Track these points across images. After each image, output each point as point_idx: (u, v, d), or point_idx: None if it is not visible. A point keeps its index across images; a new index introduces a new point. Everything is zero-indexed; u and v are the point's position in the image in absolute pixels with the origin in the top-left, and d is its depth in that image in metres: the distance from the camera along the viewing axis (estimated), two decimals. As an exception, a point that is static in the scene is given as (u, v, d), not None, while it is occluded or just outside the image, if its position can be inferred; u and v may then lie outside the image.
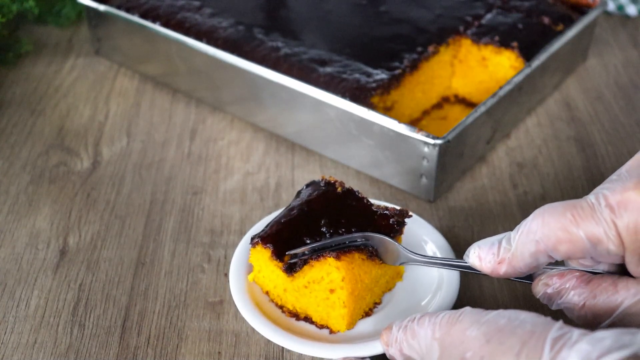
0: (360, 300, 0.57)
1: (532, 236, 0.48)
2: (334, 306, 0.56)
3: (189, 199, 0.73)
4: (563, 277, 0.51)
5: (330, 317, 0.57)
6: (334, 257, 0.54)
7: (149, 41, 0.85)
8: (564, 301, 0.51)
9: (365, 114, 0.70)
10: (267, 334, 0.56)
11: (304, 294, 0.57)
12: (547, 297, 0.52)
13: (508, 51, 0.78)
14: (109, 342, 0.59)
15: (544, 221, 0.48)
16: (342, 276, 0.54)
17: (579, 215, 0.47)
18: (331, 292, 0.55)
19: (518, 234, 0.49)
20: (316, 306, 0.57)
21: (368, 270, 0.56)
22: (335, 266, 0.54)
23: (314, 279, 0.56)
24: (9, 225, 0.70)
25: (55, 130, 0.83)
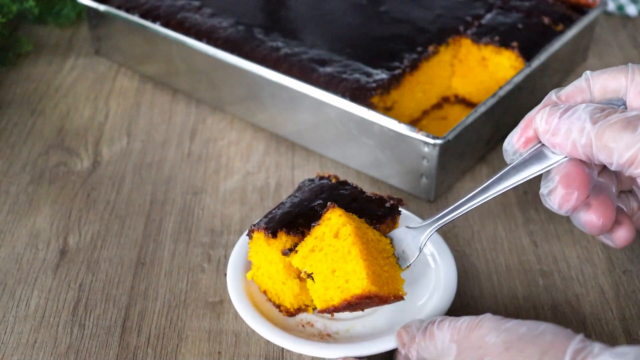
0: (373, 256, 0.55)
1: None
2: (347, 258, 0.54)
3: (189, 199, 0.73)
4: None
5: (348, 275, 0.53)
6: (331, 208, 0.55)
7: (149, 41, 0.85)
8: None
9: (365, 114, 0.70)
10: (267, 335, 0.56)
11: (314, 262, 0.55)
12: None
13: (508, 51, 0.78)
14: (109, 342, 0.59)
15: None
16: (344, 220, 0.54)
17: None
18: (336, 236, 0.54)
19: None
20: (331, 273, 0.54)
21: (367, 230, 0.56)
22: (338, 214, 0.55)
23: (317, 235, 0.55)
24: (9, 225, 0.70)
25: (55, 130, 0.83)
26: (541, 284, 0.63)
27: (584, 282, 0.64)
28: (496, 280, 0.64)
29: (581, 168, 0.49)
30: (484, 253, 0.67)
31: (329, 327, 0.59)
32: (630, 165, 0.45)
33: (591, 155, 0.47)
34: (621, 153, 0.45)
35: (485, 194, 0.53)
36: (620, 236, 0.52)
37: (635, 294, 0.62)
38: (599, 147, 0.46)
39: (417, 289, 0.61)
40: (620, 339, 0.59)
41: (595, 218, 0.49)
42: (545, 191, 0.50)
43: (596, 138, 0.46)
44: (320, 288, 0.54)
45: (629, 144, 0.45)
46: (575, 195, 0.48)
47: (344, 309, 0.53)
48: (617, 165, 0.46)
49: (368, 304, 0.53)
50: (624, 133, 0.45)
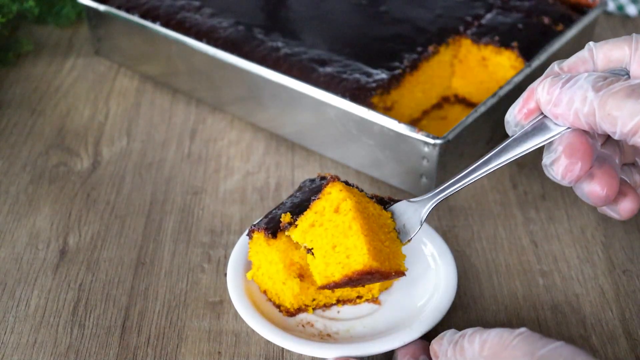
0: (374, 231, 0.54)
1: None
2: (347, 234, 0.53)
3: (189, 199, 0.73)
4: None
5: (349, 251, 0.53)
6: (331, 181, 0.55)
7: (149, 41, 0.85)
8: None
9: (365, 114, 0.70)
10: (267, 335, 0.56)
11: (314, 237, 0.55)
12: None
13: (508, 51, 0.78)
14: (109, 342, 0.59)
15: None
16: (344, 195, 0.54)
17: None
18: (336, 211, 0.54)
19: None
20: (331, 248, 0.54)
21: (367, 205, 0.56)
22: (339, 189, 0.54)
23: (317, 210, 0.55)
24: (9, 225, 0.70)
25: (55, 130, 0.83)
26: (541, 283, 0.63)
27: (584, 282, 0.64)
28: (496, 280, 0.64)
29: (584, 138, 0.48)
30: (484, 253, 0.67)
31: (329, 327, 0.59)
32: (635, 134, 0.44)
33: (594, 125, 0.46)
34: (625, 121, 0.44)
35: (486, 166, 0.52)
36: (625, 207, 0.51)
37: (635, 294, 0.62)
38: (602, 115, 0.45)
39: (417, 289, 0.61)
40: (620, 339, 0.59)
41: (599, 188, 0.48)
42: (548, 162, 0.49)
43: (599, 106, 0.45)
44: (321, 264, 0.54)
45: (633, 112, 0.44)
46: (578, 166, 0.48)
47: (345, 285, 0.53)
48: (620, 134, 0.45)
49: (369, 279, 0.53)
50: (628, 101, 0.44)
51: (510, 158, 0.51)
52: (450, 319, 0.60)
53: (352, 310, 0.60)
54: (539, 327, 0.60)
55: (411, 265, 0.63)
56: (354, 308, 0.60)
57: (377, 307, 0.60)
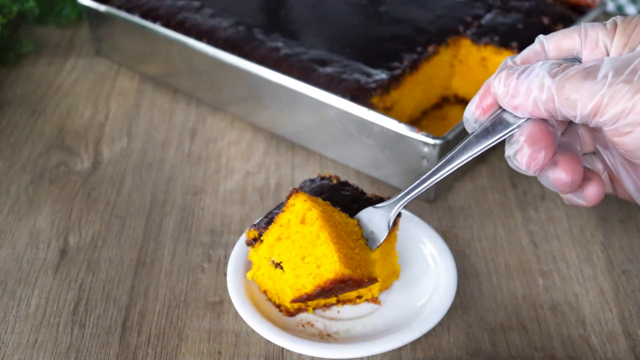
0: (342, 239, 0.54)
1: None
2: (316, 243, 0.53)
3: (189, 199, 0.73)
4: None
5: (319, 261, 0.53)
6: (294, 193, 0.54)
7: (150, 41, 0.85)
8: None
9: (365, 114, 0.70)
10: (267, 335, 0.56)
11: (281, 251, 0.54)
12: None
13: (508, 51, 0.79)
14: (109, 342, 0.59)
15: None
16: (309, 205, 0.54)
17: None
18: (302, 222, 0.53)
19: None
20: (301, 260, 0.53)
21: (333, 213, 0.55)
22: (303, 199, 0.54)
23: (282, 223, 0.55)
24: (9, 225, 0.70)
25: (55, 130, 0.83)
26: (541, 283, 0.63)
27: (583, 281, 0.64)
28: (496, 280, 0.64)
29: (545, 127, 0.48)
30: (483, 253, 0.67)
31: (329, 327, 0.59)
32: (595, 115, 0.44)
33: (554, 111, 0.46)
34: (585, 103, 0.44)
35: (449, 165, 0.52)
36: (591, 192, 0.51)
37: (635, 294, 0.62)
38: (560, 100, 0.45)
39: (417, 289, 0.61)
40: (620, 339, 0.59)
41: (564, 174, 0.48)
42: (511, 152, 0.48)
43: (557, 92, 0.45)
44: (291, 277, 0.53)
45: (592, 92, 0.44)
46: (542, 154, 0.47)
47: (318, 296, 0.53)
48: (581, 117, 0.45)
49: (342, 288, 0.53)
50: (585, 82, 0.44)
51: (472, 155, 0.51)
52: (450, 319, 0.60)
53: (352, 310, 0.60)
54: (539, 326, 0.60)
55: (411, 265, 0.63)
56: (354, 308, 0.60)
57: (377, 307, 0.60)
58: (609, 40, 0.47)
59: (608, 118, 0.44)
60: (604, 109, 0.44)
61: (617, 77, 0.43)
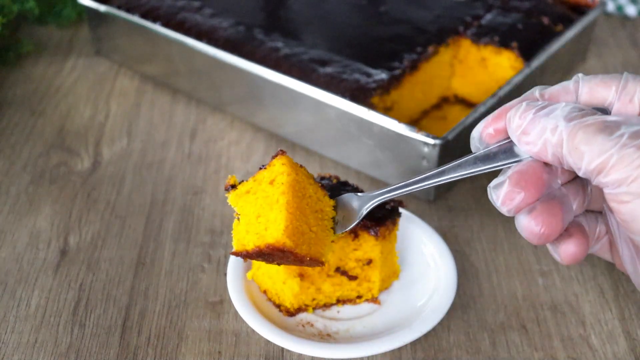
0: (303, 212, 0.53)
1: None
2: (273, 207, 0.52)
3: (189, 199, 0.73)
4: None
5: (269, 223, 0.52)
6: (280, 154, 0.54)
7: (150, 41, 0.85)
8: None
9: (365, 114, 0.70)
10: (267, 335, 0.56)
11: (244, 204, 0.54)
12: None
13: (508, 51, 0.79)
14: (110, 342, 0.59)
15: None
16: (284, 170, 0.53)
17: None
18: (271, 183, 0.53)
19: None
20: (255, 217, 0.53)
21: (309, 187, 0.55)
22: (281, 162, 0.54)
23: (257, 178, 0.55)
24: (9, 225, 0.70)
25: (55, 130, 0.83)
26: (540, 283, 0.63)
27: (583, 281, 0.64)
28: (496, 280, 0.64)
29: (539, 170, 0.45)
30: (483, 253, 0.67)
31: (329, 327, 0.59)
32: (599, 173, 0.41)
33: (561, 157, 0.43)
34: (592, 158, 0.41)
35: (440, 177, 0.50)
36: (566, 249, 0.47)
37: (635, 294, 0.62)
38: (569, 148, 0.42)
39: (417, 289, 0.61)
40: (620, 339, 0.59)
41: (534, 224, 0.44)
42: (492, 184, 0.46)
43: (568, 138, 0.42)
44: (242, 230, 0.53)
45: (602, 148, 0.41)
46: (520, 196, 0.44)
47: (257, 257, 0.52)
48: (585, 172, 0.42)
49: (282, 258, 0.52)
50: (598, 136, 0.41)
51: (465, 174, 0.48)
52: (450, 319, 0.60)
53: (352, 310, 0.60)
54: (539, 326, 0.60)
55: (411, 265, 0.63)
56: (354, 308, 0.60)
57: (377, 307, 0.60)
58: None
59: (611, 180, 0.41)
60: (609, 169, 0.41)
61: (632, 140, 0.40)
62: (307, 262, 0.52)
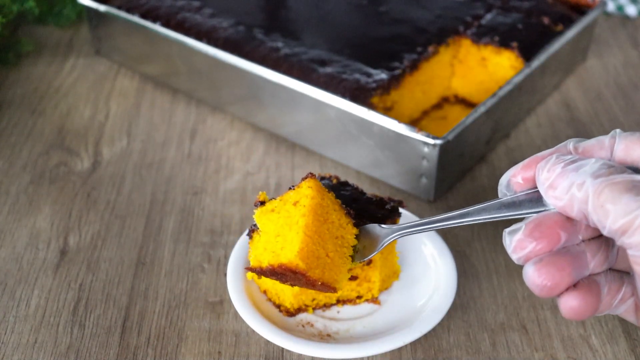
0: (321, 237, 0.53)
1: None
2: (292, 227, 0.52)
3: (189, 199, 0.73)
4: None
5: (286, 243, 0.52)
6: (309, 177, 0.55)
7: (150, 41, 0.85)
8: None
9: (365, 114, 0.70)
10: (267, 335, 0.56)
11: (267, 222, 0.55)
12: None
13: (508, 51, 0.79)
14: (109, 342, 0.59)
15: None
16: (309, 193, 0.54)
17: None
18: (295, 204, 0.54)
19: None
20: (275, 236, 0.53)
21: (333, 212, 0.55)
22: (308, 185, 0.54)
23: (283, 198, 0.55)
24: (9, 225, 0.70)
25: (55, 130, 0.83)
26: (541, 284, 0.63)
27: (583, 282, 0.64)
28: (496, 280, 0.64)
29: (558, 225, 0.44)
30: (484, 253, 0.67)
31: (329, 327, 0.59)
32: (623, 234, 0.40)
33: (586, 213, 0.42)
34: (616, 218, 0.40)
35: (463, 218, 0.50)
36: (565, 302, 0.45)
37: (635, 294, 0.62)
38: (595, 205, 0.41)
39: (417, 289, 0.61)
40: (620, 339, 0.59)
41: (537, 275, 0.44)
42: (508, 230, 0.46)
43: (594, 195, 0.41)
44: (260, 247, 0.54)
45: (627, 209, 0.40)
46: (532, 246, 0.44)
47: (270, 275, 0.53)
48: (609, 231, 0.41)
49: (294, 279, 0.52)
50: (625, 195, 0.40)
51: (488, 218, 0.48)
52: (450, 319, 0.60)
53: (352, 310, 0.60)
54: (539, 326, 0.60)
55: (411, 265, 0.63)
56: (354, 308, 0.60)
57: (377, 307, 0.60)
58: None
59: (635, 242, 0.40)
60: (634, 230, 0.40)
61: None
62: (319, 286, 0.52)
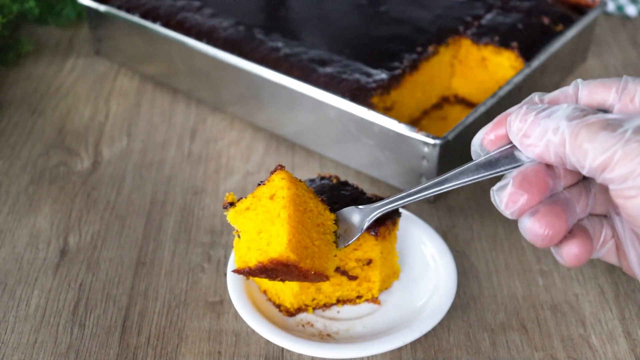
0: (304, 226, 0.52)
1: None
2: (274, 221, 0.51)
3: (189, 199, 0.73)
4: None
5: (271, 238, 0.51)
6: (278, 169, 0.54)
7: (149, 41, 0.85)
8: None
9: (365, 114, 0.70)
10: (267, 335, 0.56)
11: (245, 221, 0.53)
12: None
13: (508, 51, 0.79)
14: (109, 342, 0.59)
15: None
16: (284, 184, 0.53)
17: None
18: (271, 198, 0.52)
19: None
20: (257, 233, 0.52)
21: (309, 201, 0.54)
22: (281, 177, 0.53)
23: (256, 194, 0.54)
24: (9, 225, 0.70)
25: (55, 130, 0.83)
26: (541, 283, 0.63)
27: (583, 281, 0.64)
28: (496, 280, 0.64)
29: (542, 173, 0.45)
30: (483, 253, 0.67)
31: (329, 327, 0.59)
32: (604, 170, 0.41)
33: (563, 156, 0.43)
34: (596, 155, 0.41)
35: (442, 185, 0.50)
36: (568, 251, 0.46)
37: (635, 294, 0.62)
38: (573, 147, 0.42)
39: (417, 289, 0.61)
40: (620, 339, 0.59)
41: (538, 226, 0.44)
42: (496, 187, 0.46)
43: (571, 137, 0.42)
44: (244, 247, 0.52)
45: (606, 145, 0.41)
46: (524, 198, 0.44)
47: (260, 273, 0.51)
48: (589, 169, 0.42)
49: (286, 273, 0.51)
50: (601, 133, 0.41)
51: (467, 181, 0.49)
52: (450, 319, 0.60)
53: (352, 310, 0.60)
54: (539, 326, 0.60)
55: (411, 265, 0.63)
56: (354, 308, 0.60)
57: (377, 307, 0.60)
58: None
59: (616, 176, 0.41)
60: (614, 165, 0.41)
61: (635, 134, 0.40)
62: (312, 276, 0.52)
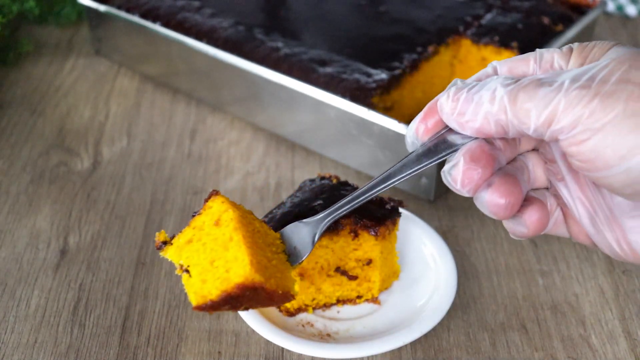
0: (259, 247, 0.50)
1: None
2: (228, 246, 0.49)
3: (189, 199, 0.73)
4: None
5: (229, 264, 0.48)
6: (213, 195, 0.51)
7: (150, 41, 0.85)
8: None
9: (365, 114, 0.70)
10: (267, 335, 0.56)
11: (190, 254, 0.50)
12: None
13: (508, 51, 0.79)
14: (109, 342, 0.59)
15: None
16: (226, 207, 0.50)
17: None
18: (217, 224, 0.50)
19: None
20: (209, 264, 0.49)
21: (253, 221, 0.52)
22: (221, 201, 0.51)
23: (196, 225, 0.51)
24: (9, 225, 0.70)
25: (55, 130, 0.83)
26: (541, 283, 0.63)
27: (583, 281, 0.64)
28: (496, 280, 0.64)
29: (487, 146, 0.45)
30: (483, 253, 0.67)
31: (329, 327, 0.59)
32: (550, 123, 0.41)
33: (505, 125, 0.43)
34: (539, 111, 0.41)
35: (387, 182, 0.48)
36: (531, 217, 0.46)
37: (635, 294, 0.62)
38: (514, 110, 0.42)
39: (417, 289, 0.61)
40: (620, 339, 0.59)
41: (497, 196, 0.44)
42: (447, 168, 0.45)
43: (510, 101, 0.42)
44: (197, 282, 0.48)
45: (547, 99, 0.41)
46: (478, 172, 0.44)
47: (224, 304, 0.47)
48: (535, 128, 0.42)
49: (252, 298, 0.48)
50: (540, 90, 0.41)
51: (410, 173, 0.47)
52: (450, 319, 0.60)
53: (352, 310, 0.60)
54: (539, 326, 0.60)
55: (411, 265, 0.63)
56: (354, 308, 0.60)
57: (377, 307, 0.60)
58: (564, 63, 0.45)
59: (565, 125, 0.41)
60: (560, 115, 0.41)
61: (573, 83, 0.40)
62: (279, 297, 0.48)
